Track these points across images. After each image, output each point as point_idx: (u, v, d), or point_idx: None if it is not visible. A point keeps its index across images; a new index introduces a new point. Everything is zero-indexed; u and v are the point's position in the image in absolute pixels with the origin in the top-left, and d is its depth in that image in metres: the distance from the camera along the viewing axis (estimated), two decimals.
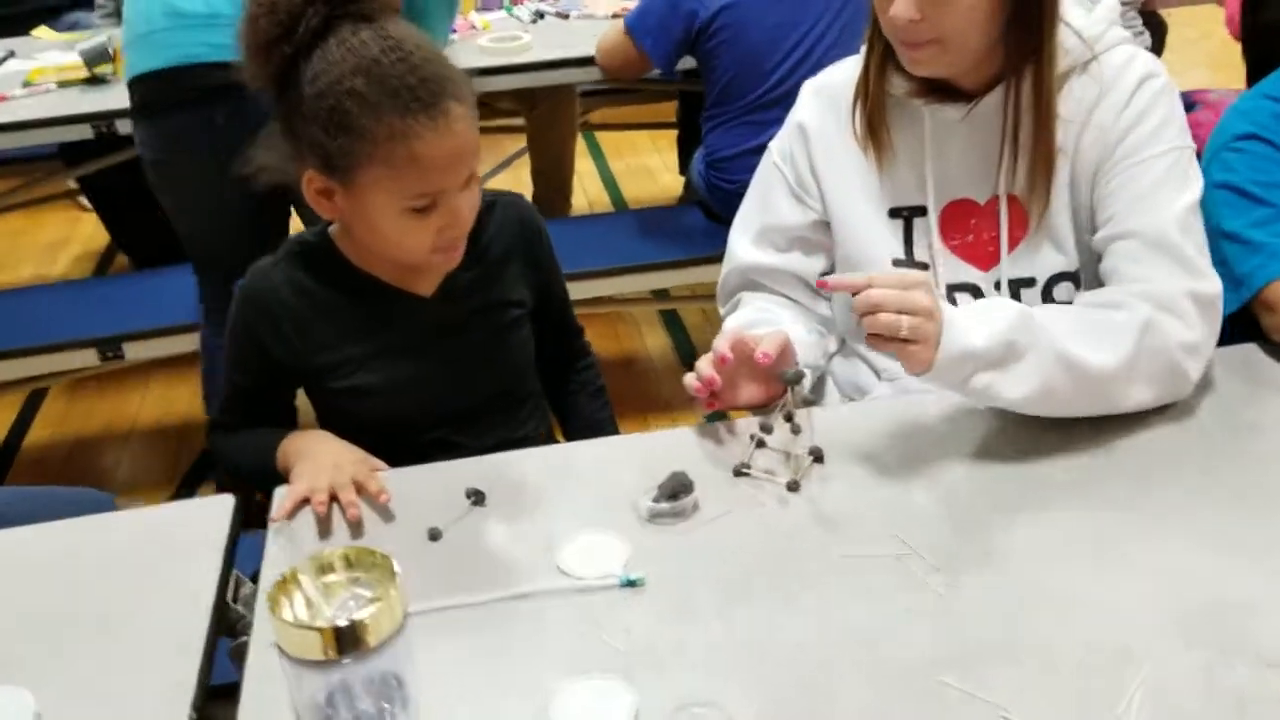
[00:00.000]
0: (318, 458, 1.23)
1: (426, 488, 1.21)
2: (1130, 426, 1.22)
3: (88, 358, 2.39)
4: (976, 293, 1.33)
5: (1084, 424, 1.21)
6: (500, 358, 1.39)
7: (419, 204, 1.20)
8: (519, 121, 3.53)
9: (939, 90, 1.28)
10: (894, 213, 1.35)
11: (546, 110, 3.36)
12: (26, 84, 2.65)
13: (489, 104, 3.58)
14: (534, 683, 0.94)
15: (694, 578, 1.06)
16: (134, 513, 1.21)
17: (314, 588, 0.70)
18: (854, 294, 1.11)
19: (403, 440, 1.32)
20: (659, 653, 0.97)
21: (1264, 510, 1.09)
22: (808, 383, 1.30)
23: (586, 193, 4.09)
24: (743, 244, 1.43)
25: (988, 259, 1.33)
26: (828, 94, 1.38)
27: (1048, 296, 1.32)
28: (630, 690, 0.93)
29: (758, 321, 1.35)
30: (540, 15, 2.97)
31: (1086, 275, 1.31)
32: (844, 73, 1.36)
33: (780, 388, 1.21)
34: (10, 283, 3.73)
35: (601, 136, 4.59)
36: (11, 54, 2.95)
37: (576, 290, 1.61)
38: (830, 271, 1.41)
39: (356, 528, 1.15)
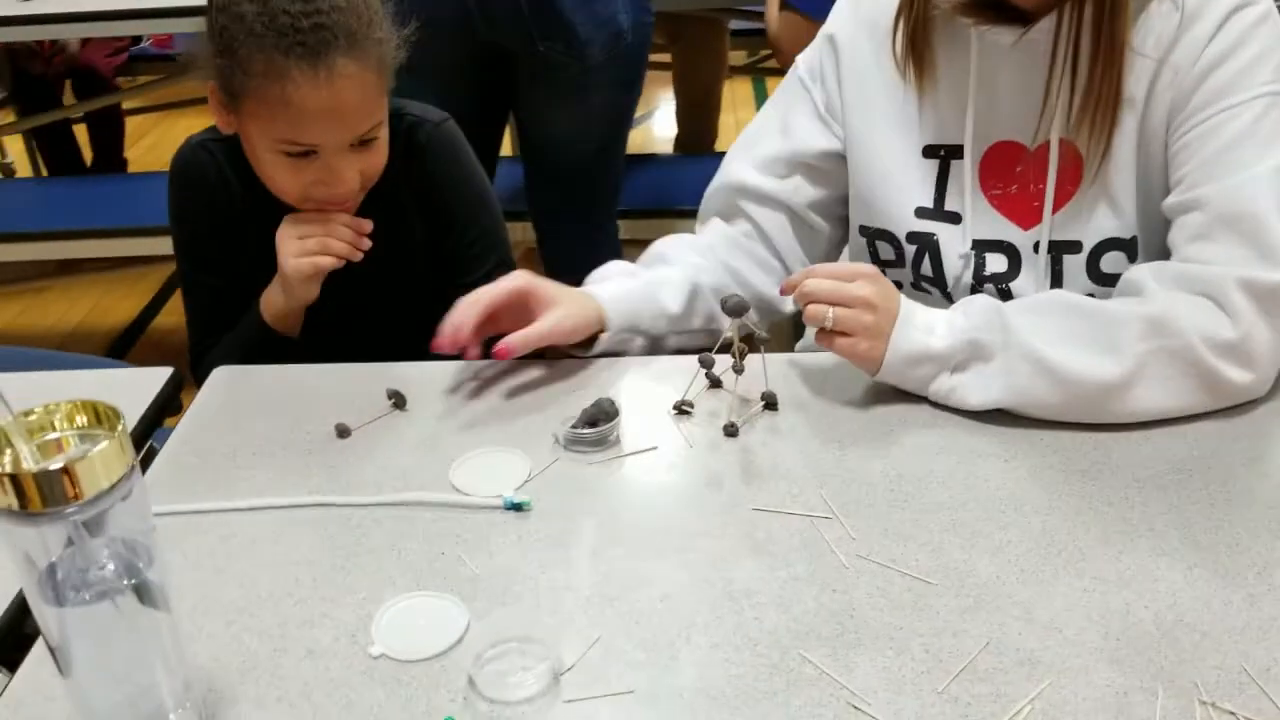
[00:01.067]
0: (287, 237, 1.20)
1: (351, 385, 1.16)
2: (1125, 427, 1.03)
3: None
4: (1012, 254, 1.16)
5: (1069, 432, 1.04)
6: (410, 291, 1.33)
7: (291, 150, 1.15)
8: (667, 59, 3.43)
9: (992, 8, 1.09)
10: (929, 151, 1.18)
11: (692, 43, 3.25)
12: None
13: None
14: (375, 590, 0.88)
15: (585, 511, 0.97)
16: (66, 373, 1.22)
17: (24, 441, 0.65)
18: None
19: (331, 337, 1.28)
20: (513, 582, 0.89)
21: (1247, 536, 0.90)
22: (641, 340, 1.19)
23: None
24: (742, 163, 1.27)
25: (1031, 215, 1.14)
26: (865, 6, 1.21)
27: (1093, 266, 1.13)
28: (464, 614, 0.85)
29: (656, 256, 1.25)
30: None
31: (1146, 245, 1.11)
32: None
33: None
34: None
35: (771, 82, 4.44)
36: None
37: None
38: (830, 204, 1.27)
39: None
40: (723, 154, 1.31)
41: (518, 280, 1.12)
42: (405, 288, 1.31)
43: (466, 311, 1.09)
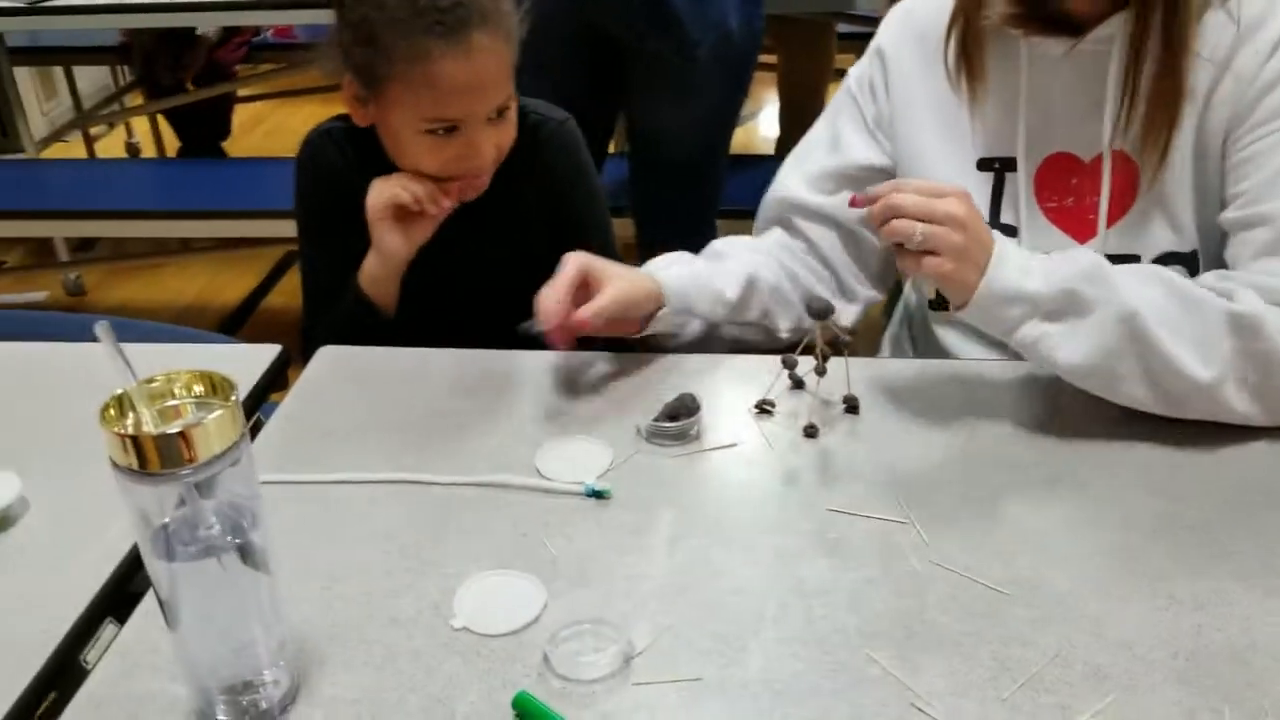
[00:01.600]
0: (372, 200, 1.25)
1: (447, 368, 1.21)
2: (1206, 441, 1.02)
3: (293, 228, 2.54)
4: None
5: (1148, 427, 1.03)
6: (521, 284, 1.35)
7: (436, 127, 1.20)
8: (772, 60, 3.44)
9: (1043, 19, 1.10)
10: (984, 164, 1.18)
11: (798, 46, 3.25)
12: None
13: None
14: (460, 566, 0.92)
15: (663, 502, 0.99)
16: (180, 345, 1.29)
17: (146, 406, 0.70)
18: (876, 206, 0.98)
19: (432, 320, 1.32)
20: (590, 566, 0.92)
21: None
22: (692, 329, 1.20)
23: None
24: (794, 177, 1.28)
25: (1088, 228, 1.14)
26: (914, 20, 1.21)
27: None
28: (542, 593, 0.89)
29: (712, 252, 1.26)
30: None
31: (1206, 260, 1.10)
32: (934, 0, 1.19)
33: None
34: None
35: None
36: None
37: None
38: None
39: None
40: None
41: (578, 261, 1.13)
42: (515, 278, 1.35)
43: (557, 306, 1.10)
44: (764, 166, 3.18)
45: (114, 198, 2.79)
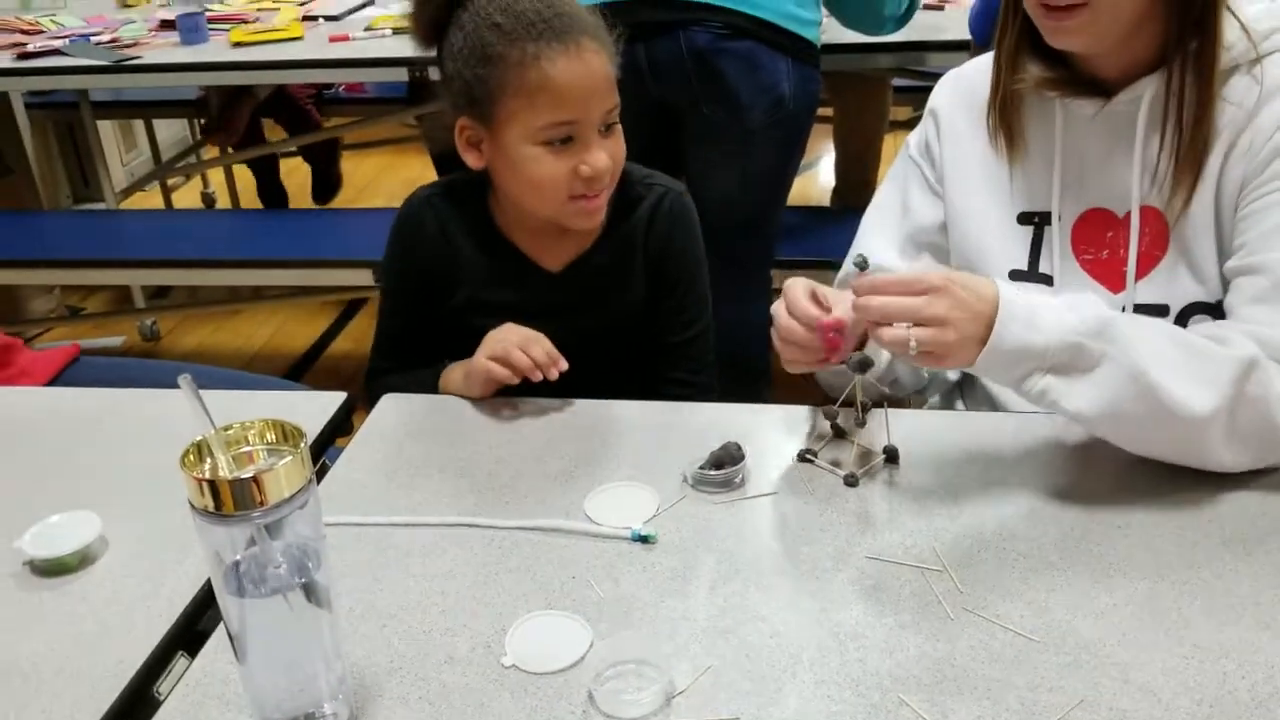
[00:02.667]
0: (490, 341, 1.28)
1: (503, 417, 1.27)
2: (1231, 487, 1.05)
3: (364, 277, 2.64)
4: None
5: (1179, 477, 1.06)
6: (611, 342, 1.41)
7: (553, 135, 1.24)
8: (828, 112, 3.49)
9: (1076, 82, 1.15)
10: (1024, 218, 1.23)
11: (854, 99, 3.30)
12: (368, 29, 2.96)
13: None
14: (510, 606, 0.97)
15: (708, 548, 1.03)
16: (254, 394, 1.35)
17: (222, 452, 0.76)
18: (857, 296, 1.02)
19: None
20: (635, 608, 0.96)
21: None
22: (880, 369, 1.22)
23: None
24: (879, 243, 1.33)
25: (1120, 280, 1.18)
26: (964, 82, 1.28)
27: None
28: (588, 634, 0.93)
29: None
30: None
31: None
32: (984, 60, 1.24)
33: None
34: (360, 209, 4.18)
35: None
36: (371, 1, 3.30)
37: None
38: None
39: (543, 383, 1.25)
40: None
41: (806, 284, 1.13)
42: (604, 339, 1.40)
43: (805, 305, 1.09)
44: (819, 218, 3.24)
45: (190, 247, 2.90)
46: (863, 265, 1.06)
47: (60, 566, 1.03)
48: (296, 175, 4.05)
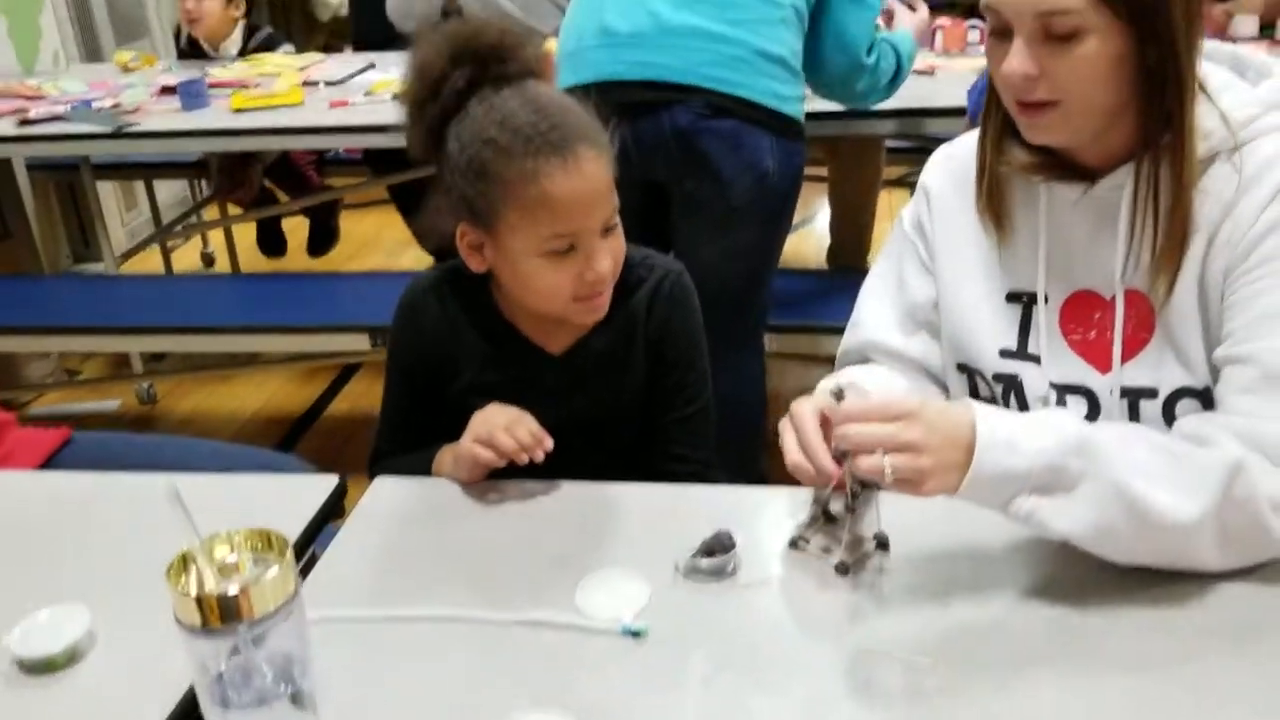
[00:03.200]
0: (475, 423, 1.28)
1: (495, 496, 1.27)
2: (1219, 581, 1.04)
3: (361, 342, 2.65)
4: (1091, 398, 1.19)
5: (1167, 571, 1.05)
6: (611, 423, 1.41)
7: (555, 246, 1.25)
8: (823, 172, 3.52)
9: (1059, 166, 1.16)
10: (1012, 297, 1.24)
11: (848, 159, 3.33)
12: (368, 94, 2.99)
13: None
14: (500, 706, 0.96)
15: (699, 640, 1.03)
16: (244, 477, 1.35)
17: (208, 563, 0.76)
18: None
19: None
20: (627, 707, 0.95)
21: None
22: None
23: None
24: (880, 320, 1.33)
25: (1108, 361, 1.18)
26: (955, 161, 1.29)
27: (1169, 413, 1.15)
28: None
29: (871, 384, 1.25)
30: None
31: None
32: (973, 138, 1.26)
33: None
34: (357, 269, 4.20)
35: None
36: (371, 66, 3.34)
37: None
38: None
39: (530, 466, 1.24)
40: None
41: (815, 409, 1.09)
42: (602, 422, 1.40)
43: (817, 441, 1.06)
44: (813, 280, 3.26)
45: (188, 313, 2.91)
46: (839, 395, 1.06)
47: (48, 664, 1.02)
48: (298, 232, 4.08)
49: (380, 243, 4.52)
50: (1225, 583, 1.05)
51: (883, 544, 1.13)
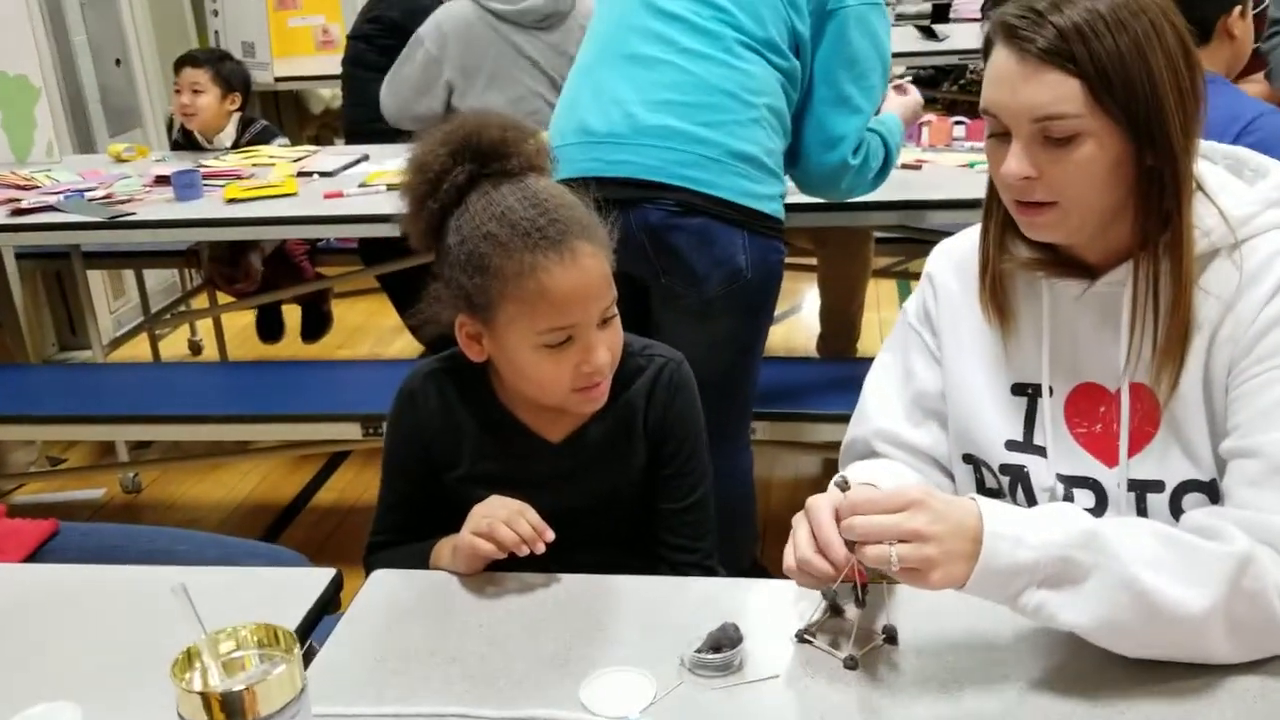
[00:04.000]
0: (475, 515, 1.27)
1: (496, 590, 1.25)
2: (1231, 671, 1.03)
3: (353, 431, 2.63)
4: (1098, 490, 1.19)
5: (1186, 667, 1.04)
6: (611, 512, 1.40)
7: (553, 340, 1.25)
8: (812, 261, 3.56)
9: (1061, 263, 1.17)
10: (1017, 389, 1.24)
11: (837, 248, 3.36)
12: (362, 185, 3.02)
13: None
14: None
15: None
16: (241, 570, 1.33)
17: (213, 659, 0.74)
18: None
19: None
20: None
21: None
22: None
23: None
24: (885, 410, 1.33)
25: (1114, 455, 1.18)
26: (956, 256, 1.30)
27: (1175, 506, 1.15)
28: None
29: (882, 479, 1.25)
30: None
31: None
32: (974, 232, 1.27)
33: None
34: (348, 356, 4.20)
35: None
36: (366, 158, 3.37)
37: None
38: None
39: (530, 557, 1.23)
40: (863, 358, 1.38)
41: (831, 506, 1.07)
42: (611, 506, 1.40)
43: (832, 534, 1.04)
44: (804, 368, 3.27)
45: (175, 402, 2.88)
46: (844, 486, 1.07)
47: None
48: (289, 318, 4.08)
49: (370, 330, 4.52)
50: (1238, 674, 1.03)
51: (891, 637, 1.12)
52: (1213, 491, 1.14)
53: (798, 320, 4.37)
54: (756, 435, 2.60)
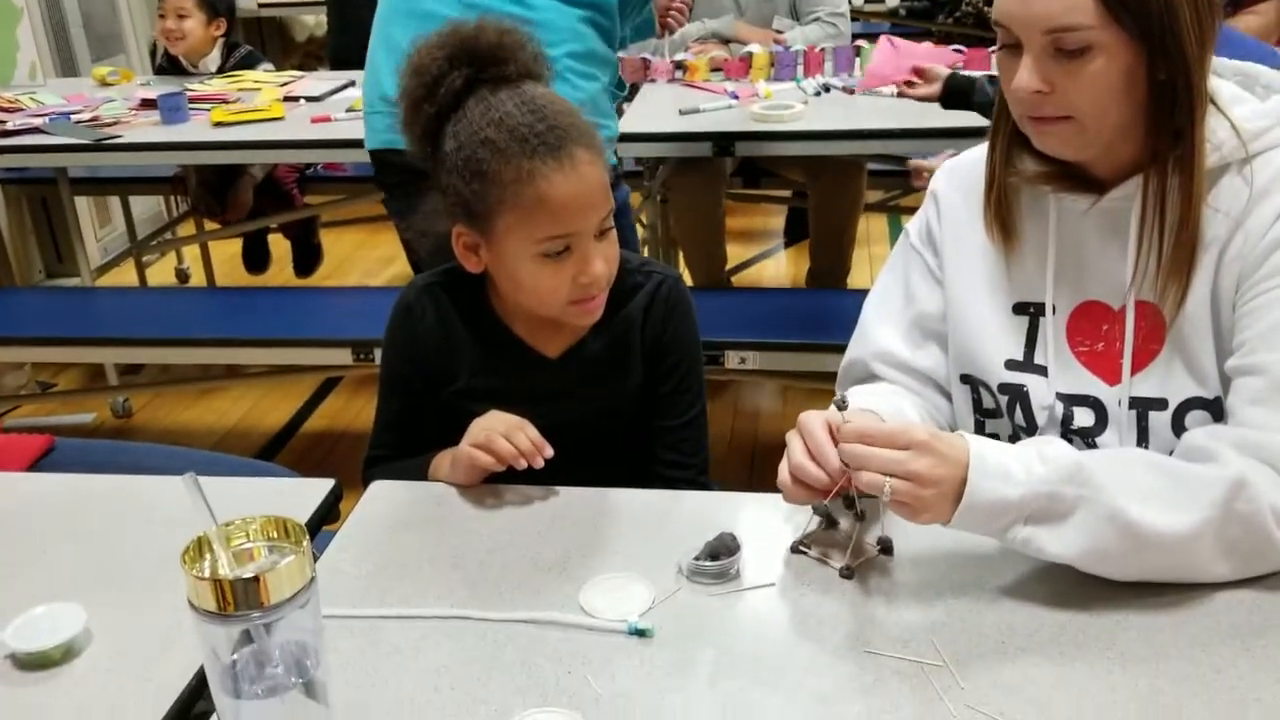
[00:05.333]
0: (474, 428, 1.27)
1: (495, 505, 1.26)
2: (1237, 591, 1.05)
3: (343, 356, 2.63)
4: (1098, 408, 1.19)
5: (1182, 593, 1.05)
6: (606, 427, 1.41)
7: (550, 249, 1.25)
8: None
9: (1069, 177, 1.17)
10: (1019, 308, 1.24)
11: (829, 182, 3.35)
12: (349, 110, 2.98)
13: (775, 173, 3.63)
14: (505, 701, 0.95)
15: (704, 641, 1.02)
16: (241, 480, 1.33)
17: (223, 548, 0.75)
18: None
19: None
20: (634, 705, 0.95)
21: None
22: None
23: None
24: (885, 331, 1.33)
25: (1116, 373, 1.18)
26: (961, 174, 1.29)
27: (1178, 424, 1.15)
28: None
29: (881, 408, 1.25)
30: (826, 89, 2.98)
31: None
32: (980, 153, 1.26)
33: None
34: (335, 284, 4.18)
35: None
36: (352, 83, 3.33)
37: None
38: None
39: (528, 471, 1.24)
40: (853, 290, 1.38)
41: (823, 421, 1.09)
42: (599, 422, 1.40)
43: (829, 447, 1.06)
44: (792, 298, 3.27)
45: (164, 325, 2.87)
46: (842, 405, 1.08)
47: (44, 660, 1.00)
48: (277, 249, 4.05)
49: (358, 261, 4.50)
50: (1233, 585, 1.05)
51: (886, 548, 1.13)
52: (1217, 409, 1.14)
53: (786, 254, 4.37)
54: (747, 365, 2.61)
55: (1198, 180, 1.09)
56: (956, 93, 2.34)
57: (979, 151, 1.27)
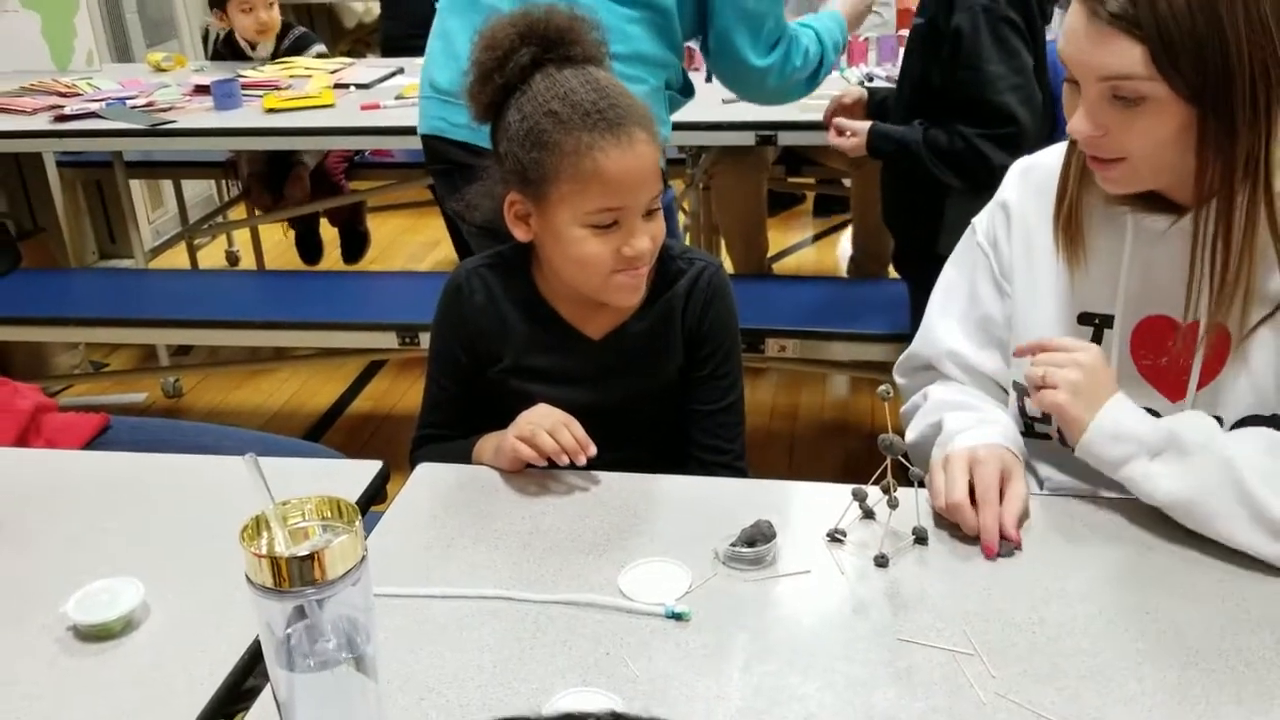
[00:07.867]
0: (521, 421, 1.31)
1: (539, 488, 1.29)
2: (1259, 573, 1.07)
3: (389, 340, 2.67)
4: None
5: (1206, 562, 1.08)
6: (646, 410, 1.44)
7: (600, 220, 1.29)
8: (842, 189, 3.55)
9: (1149, 198, 1.16)
10: (1084, 318, 1.24)
11: (872, 170, 3.34)
12: (398, 97, 3.02)
13: (817, 161, 3.63)
14: (546, 681, 0.98)
15: (740, 626, 1.05)
16: (291, 460, 1.37)
17: (280, 527, 0.78)
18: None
19: None
20: (670, 686, 0.97)
21: None
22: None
23: None
24: (948, 326, 1.34)
25: (1179, 389, 1.19)
26: (1035, 176, 1.29)
27: None
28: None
29: (965, 404, 1.28)
30: (870, 78, 2.98)
31: None
32: (1055, 156, 1.25)
33: None
34: (380, 269, 4.24)
35: None
36: (400, 71, 3.37)
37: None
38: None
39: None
40: (893, 280, 1.39)
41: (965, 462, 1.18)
42: (640, 407, 1.44)
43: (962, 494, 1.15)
44: (833, 288, 3.28)
45: (214, 308, 2.94)
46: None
47: (104, 632, 1.05)
48: (326, 236, 4.11)
49: (403, 246, 4.56)
50: (1264, 576, 1.07)
51: (921, 539, 1.15)
52: (1274, 426, 1.15)
53: (828, 243, 4.37)
54: (787, 353, 2.63)
55: (1272, 210, 1.08)
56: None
57: (1054, 152, 1.26)
